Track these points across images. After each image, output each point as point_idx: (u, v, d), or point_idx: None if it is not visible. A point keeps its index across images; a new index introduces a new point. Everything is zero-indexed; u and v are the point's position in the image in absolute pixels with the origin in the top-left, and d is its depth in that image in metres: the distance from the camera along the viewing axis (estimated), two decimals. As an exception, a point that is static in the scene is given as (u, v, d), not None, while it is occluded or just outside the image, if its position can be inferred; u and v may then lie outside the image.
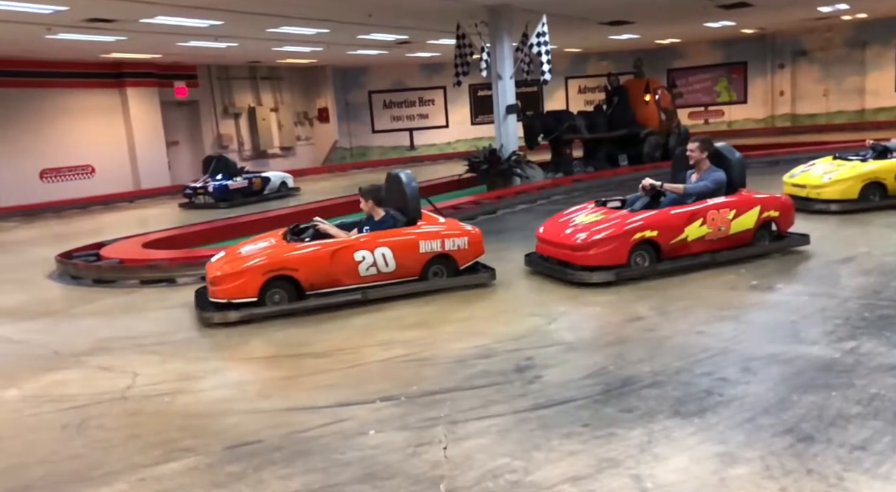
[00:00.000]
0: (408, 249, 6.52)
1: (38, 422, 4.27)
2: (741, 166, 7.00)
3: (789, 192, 9.34)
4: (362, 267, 6.39)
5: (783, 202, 7.13)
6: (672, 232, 6.56)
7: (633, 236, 6.45)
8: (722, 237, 6.75)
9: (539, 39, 12.28)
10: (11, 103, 16.35)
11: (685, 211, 6.62)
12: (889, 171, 8.83)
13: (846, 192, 8.77)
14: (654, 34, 21.00)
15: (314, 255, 6.30)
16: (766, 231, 7.01)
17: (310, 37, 15.62)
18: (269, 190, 16.22)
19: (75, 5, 10.14)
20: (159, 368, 5.16)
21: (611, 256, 6.43)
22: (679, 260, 6.65)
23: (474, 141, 23.95)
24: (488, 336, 5.24)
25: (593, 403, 3.90)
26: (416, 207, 6.78)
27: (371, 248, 6.41)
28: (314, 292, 6.31)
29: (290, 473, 3.37)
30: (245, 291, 6.12)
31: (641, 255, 6.52)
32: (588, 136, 15.69)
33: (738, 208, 6.80)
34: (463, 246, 6.70)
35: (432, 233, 6.67)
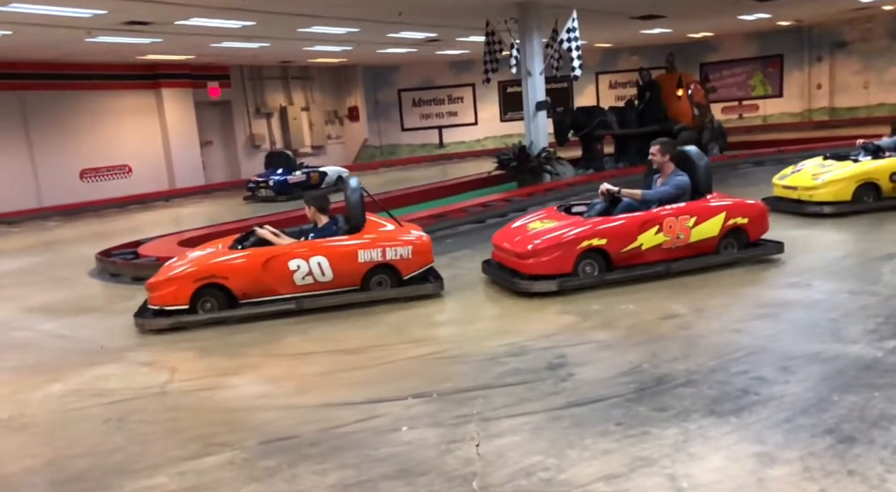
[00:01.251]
0: (345, 258, 6.31)
1: (81, 415, 4.40)
2: (707, 171, 6.61)
3: (779, 194, 9.04)
4: (297, 276, 6.24)
5: (753, 208, 6.71)
6: (623, 240, 6.26)
7: (580, 245, 6.19)
8: (681, 246, 6.40)
9: (569, 35, 12.19)
10: (53, 105, 16.81)
11: (637, 218, 6.30)
12: (883, 171, 8.45)
13: (839, 193, 8.41)
14: (687, 28, 20.67)
15: (245, 263, 6.20)
16: (734, 239, 6.61)
17: (340, 36, 15.73)
18: (326, 184, 16.83)
19: (114, 8, 10.37)
20: (197, 363, 5.27)
21: (555, 264, 6.17)
22: (632, 269, 6.33)
23: (503, 138, 23.87)
24: (520, 334, 5.24)
25: (627, 401, 3.87)
26: (357, 215, 6.52)
27: (306, 256, 6.24)
28: (248, 301, 6.25)
29: (324, 468, 3.42)
30: (177, 299, 6.13)
31: (590, 263, 6.25)
32: (619, 131, 15.52)
33: (700, 215, 6.41)
34: (406, 255, 6.41)
35: (372, 242, 6.39)
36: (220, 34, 13.90)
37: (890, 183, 8.42)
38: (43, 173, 16.67)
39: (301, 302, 6.29)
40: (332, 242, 6.38)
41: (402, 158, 24.45)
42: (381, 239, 6.45)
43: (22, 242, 12.66)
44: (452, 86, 25.23)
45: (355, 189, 6.60)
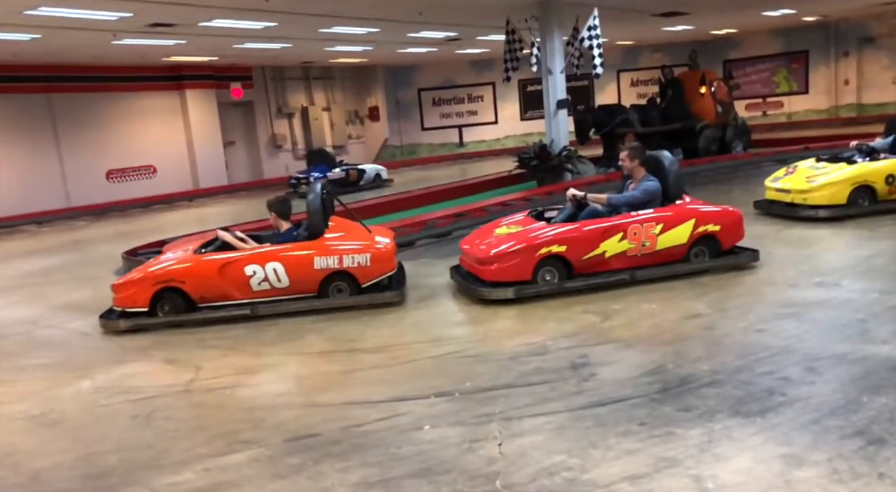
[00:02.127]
0: (301, 264, 6.28)
1: (110, 412, 4.48)
2: (677, 175, 6.40)
3: (772, 197, 8.74)
4: (254, 281, 6.27)
5: (726, 216, 6.49)
6: (584, 247, 6.13)
7: (539, 251, 6.07)
8: (647, 253, 6.25)
9: (590, 33, 12.12)
10: (80, 107, 17.12)
11: (600, 225, 6.18)
12: (879, 173, 8.09)
13: (834, 196, 8.06)
14: (710, 25, 20.43)
15: (201, 268, 6.28)
16: (705, 247, 6.42)
17: (361, 36, 15.80)
18: (364, 181, 17.36)
19: (139, 11, 10.53)
20: (220, 361, 5.33)
21: (514, 271, 6.07)
22: (593, 277, 6.20)
23: (524, 137, 23.80)
24: (541, 333, 5.22)
25: (650, 401, 3.85)
26: (316, 221, 6.43)
27: (262, 262, 6.25)
28: (206, 305, 6.32)
29: (348, 466, 3.44)
30: (136, 302, 6.27)
31: (550, 271, 6.14)
32: (641, 130, 15.39)
33: (666, 222, 6.23)
34: (364, 263, 6.30)
35: (329, 249, 6.31)
36: (242, 35, 14.04)
37: (886, 185, 8.08)
38: (71, 174, 16.98)
39: (256, 308, 6.32)
40: (287, 249, 6.35)
41: (422, 157, 24.50)
42: (339, 246, 6.37)
43: (51, 242, 12.91)
44: (472, 85, 25.21)
45: (316, 194, 6.50)
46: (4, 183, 15.64)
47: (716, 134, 15.75)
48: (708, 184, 12.27)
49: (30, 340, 6.37)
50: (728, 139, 15.80)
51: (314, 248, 6.35)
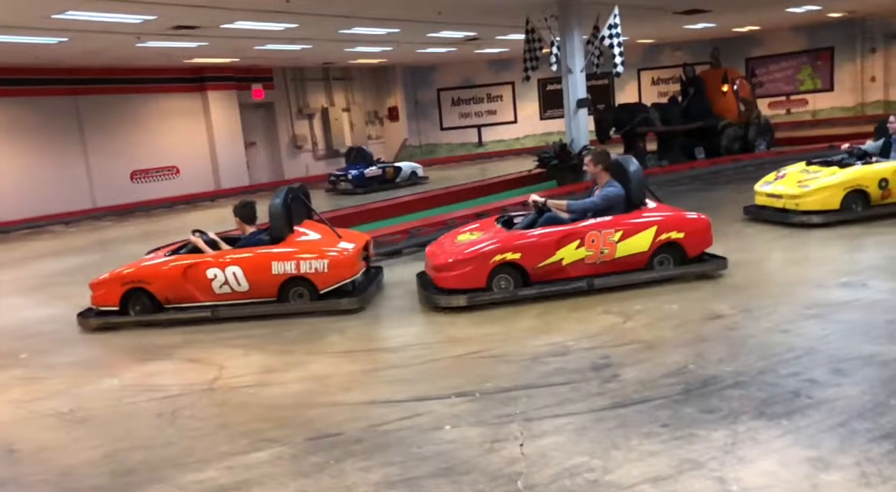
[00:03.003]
0: (259, 269, 6.34)
1: (135, 410, 4.55)
2: (640, 181, 6.26)
3: (762, 202, 8.47)
4: (215, 285, 6.39)
5: (691, 223, 6.28)
6: (539, 255, 6.04)
7: (493, 259, 6.02)
8: (607, 261, 6.13)
9: (611, 31, 12.04)
10: (105, 109, 17.39)
11: (556, 232, 6.08)
12: (872, 177, 7.85)
13: (827, 201, 7.82)
14: (732, 22, 20.17)
15: (165, 270, 6.48)
16: (670, 255, 6.24)
17: (380, 37, 15.86)
18: (400, 178, 17.73)
19: (162, 14, 10.67)
20: (243, 360, 5.39)
21: (468, 278, 6.03)
22: (549, 285, 6.11)
23: (543, 136, 23.71)
24: (563, 334, 5.21)
25: (673, 403, 3.82)
26: (277, 225, 6.50)
27: (222, 266, 6.37)
28: (172, 306, 6.50)
29: (369, 465, 3.46)
30: (107, 301, 6.57)
31: (505, 278, 6.07)
32: (662, 128, 15.27)
33: (626, 229, 6.09)
34: (322, 269, 6.28)
35: (286, 254, 6.34)
36: (263, 37, 14.17)
37: (879, 190, 7.84)
38: (96, 175, 17.26)
39: (217, 310, 6.45)
40: (245, 253, 6.44)
41: (441, 157, 24.51)
42: (297, 252, 6.37)
43: (78, 242, 13.13)
44: (491, 84, 25.17)
45: (279, 199, 6.53)
46: (33, 184, 15.93)
47: (738, 132, 15.57)
48: (728, 183, 12.15)
49: (58, 338, 6.49)
50: (751, 138, 15.60)
51: (272, 252, 6.40)
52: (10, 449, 4.09)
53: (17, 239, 14.18)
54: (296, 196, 6.85)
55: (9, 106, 15.72)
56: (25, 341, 6.44)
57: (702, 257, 6.38)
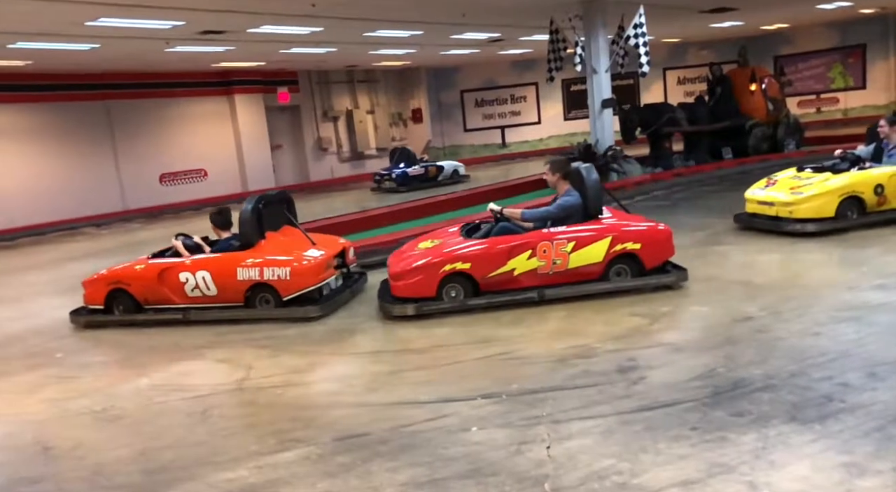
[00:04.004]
0: (225, 274, 6.50)
1: (166, 409, 4.63)
2: (596, 190, 6.13)
3: (753, 210, 8.13)
4: (187, 288, 6.61)
5: (647, 234, 6.12)
6: (489, 265, 6.00)
7: (443, 268, 6.00)
8: (560, 271, 6.03)
9: (636, 31, 11.95)
10: (135, 113, 17.73)
11: (506, 242, 6.03)
12: (868, 183, 7.51)
13: (822, 209, 7.47)
14: (760, 20, 19.87)
15: (142, 272, 6.75)
16: (627, 266, 6.11)
17: (404, 39, 15.93)
18: (442, 177, 18.13)
19: (190, 19, 10.85)
20: (270, 361, 5.45)
21: (418, 287, 6.04)
22: (499, 295, 6.07)
23: (567, 137, 23.60)
24: (588, 336, 5.18)
25: (702, 405, 3.78)
26: (246, 231, 6.62)
27: (193, 270, 6.57)
28: (150, 307, 6.77)
29: (396, 466, 3.48)
30: (94, 300, 6.90)
31: (455, 287, 6.05)
32: (689, 128, 15.10)
33: (579, 240, 5.99)
34: (284, 276, 6.38)
35: (252, 261, 6.49)
36: (289, 40, 14.32)
37: (875, 196, 7.50)
38: (126, 178, 17.60)
39: (188, 313, 6.65)
40: (212, 258, 6.64)
41: (464, 158, 24.50)
42: (262, 259, 6.48)
43: (108, 243, 13.39)
44: (515, 85, 25.13)
45: (250, 205, 6.66)
46: (66, 187, 16.30)
47: (767, 132, 15.34)
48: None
49: (91, 338, 6.63)
50: (780, 137, 15.36)
51: (237, 259, 6.54)
52: (46, 446, 4.19)
53: (51, 241, 14.52)
54: (270, 203, 6.97)
55: (44, 111, 16.12)
56: (61, 341, 6.59)
57: (665, 268, 6.23)
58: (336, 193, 19.28)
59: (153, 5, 9.52)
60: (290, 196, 7.49)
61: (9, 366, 5.94)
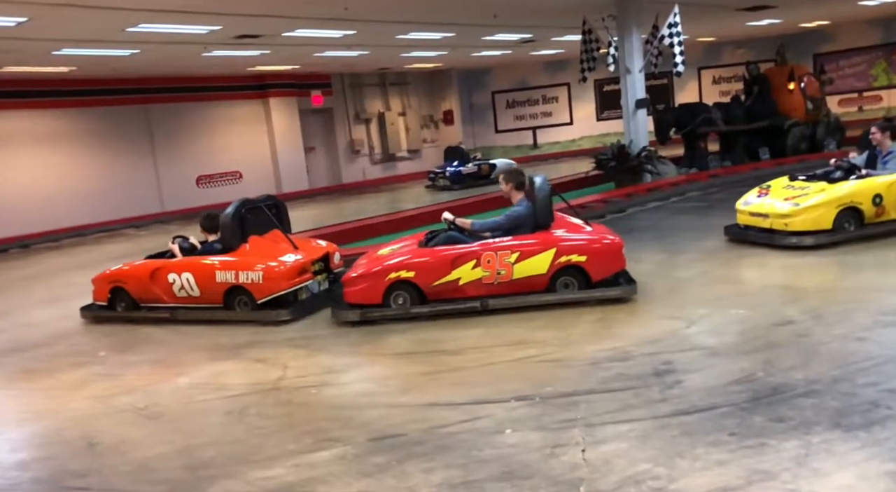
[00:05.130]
0: (206, 276, 6.78)
1: (205, 407, 4.73)
2: (545, 201, 6.08)
3: (746, 222, 7.70)
4: (175, 288, 6.93)
5: (595, 246, 6.04)
6: (434, 273, 6.03)
7: (388, 276, 6.08)
8: (504, 282, 6.02)
9: (671, 30, 11.82)
10: (173, 117, 18.13)
11: (450, 252, 6.06)
12: (866, 193, 7.10)
13: (819, 221, 7.05)
14: (799, 17, 19.44)
15: (137, 272, 7.17)
16: (573, 278, 6.04)
17: (436, 41, 15.99)
18: (494, 175, 18.05)
19: (227, 24, 11.06)
20: (307, 361, 5.52)
21: (365, 294, 6.15)
22: (443, 303, 6.10)
23: (600, 137, 23.40)
24: (623, 339, 5.13)
25: (740, 411, 3.72)
26: (227, 236, 6.90)
27: (179, 272, 6.89)
28: (145, 305, 7.17)
29: (431, 467, 3.50)
30: (100, 297, 7.43)
31: (402, 295, 6.12)
32: (725, 128, 14.86)
33: (523, 251, 5.96)
34: (257, 280, 6.56)
35: (229, 264, 6.72)
36: (322, 44, 14.49)
37: (873, 207, 7.10)
38: (164, 180, 18.01)
39: (176, 312, 6.99)
40: (195, 261, 6.96)
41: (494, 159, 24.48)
42: (238, 262, 6.71)
43: (147, 244, 13.63)
44: (547, 86, 25.01)
45: (233, 209, 6.95)
46: (107, 189, 16.75)
47: (805, 131, 15.02)
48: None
49: (133, 337, 6.79)
50: (819, 137, 15.03)
51: (216, 263, 6.82)
52: (92, 442, 4.31)
53: (92, 242, 14.92)
54: (256, 208, 7.19)
55: (86, 116, 16.59)
56: (103, 340, 6.78)
57: (618, 280, 6.13)
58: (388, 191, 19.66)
59: (191, 10, 9.73)
60: (280, 201, 7.72)
61: (56, 363, 6.13)
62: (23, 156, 15.63)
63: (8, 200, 15.17)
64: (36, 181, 15.74)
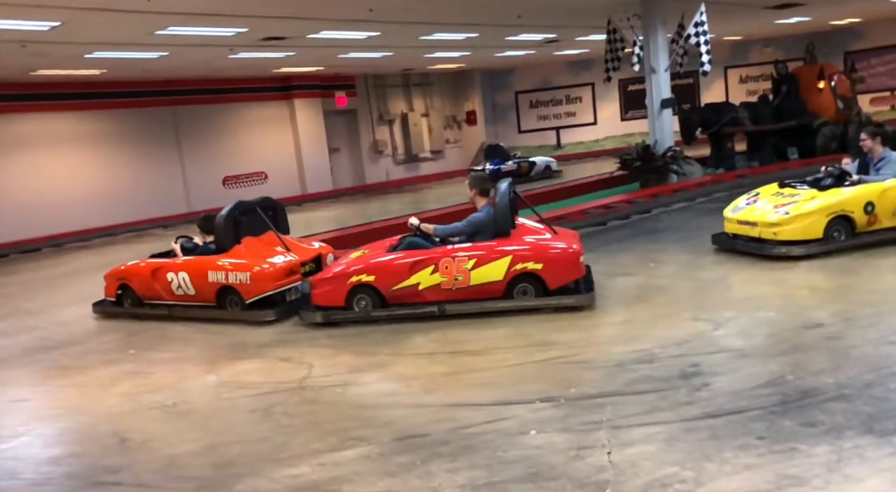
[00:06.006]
0: (199, 276, 7.07)
1: (231, 405, 4.79)
2: (504, 208, 6.08)
3: (734, 230, 7.42)
4: (173, 287, 7.24)
5: (551, 254, 6.04)
6: (393, 278, 6.16)
7: (350, 279, 6.25)
8: (462, 288, 6.08)
9: (697, 29, 11.68)
10: (200, 118, 18.39)
11: (410, 257, 6.17)
12: (857, 201, 6.84)
13: (809, 230, 6.78)
14: (829, 15, 19.09)
15: (140, 271, 7.53)
16: (531, 285, 6.06)
17: (460, 42, 16.00)
18: (534, 172, 19.06)
19: (253, 26, 11.18)
20: (331, 360, 5.56)
21: (329, 296, 6.35)
22: (401, 307, 6.23)
23: (624, 137, 23.23)
24: (649, 340, 5.08)
25: (769, 414, 3.66)
26: (220, 237, 7.13)
27: (176, 271, 7.19)
28: (148, 302, 7.50)
29: (455, 467, 3.50)
30: (109, 293, 7.80)
31: (364, 298, 6.28)
32: (752, 128, 14.66)
33: (479, 258, 6.03)
34: (245, 281, 6.78)
35: (220, 265, 6.96)
36: (347, 45, 14.58)
37: (865, 215, 6.84)
38: (191, 181, 18.27)
39: (173, 310, 7.32)
40: (190, 261, 7.23)
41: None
42: (228, 263, 6.95)
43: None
44: (570, 86, 24.88)
45: (225, 213, 7.17)
46: (136, 190, 17.03)
47: (836, 131, 14.74)
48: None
49: (160, 336, 6.91)
50: (850, 136, 14.70)
51: (207, 262, 7.09)
52: (123, 438, 4.39)
53: (122, 242, 15.18)
54: (250, 210, 7.34)
55: (116, 117, 16.89)
56: (132, 338, 6.89)
57: (578, 287, 6.15)
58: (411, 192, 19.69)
59: (219, 13, 9.86)
60: (277, 203, 7.85)
61: (87, 361, 6.25)
62: (55, 157, 15.96)
63: (41, 200, 15.49)
64: (67, 182, 16.07)
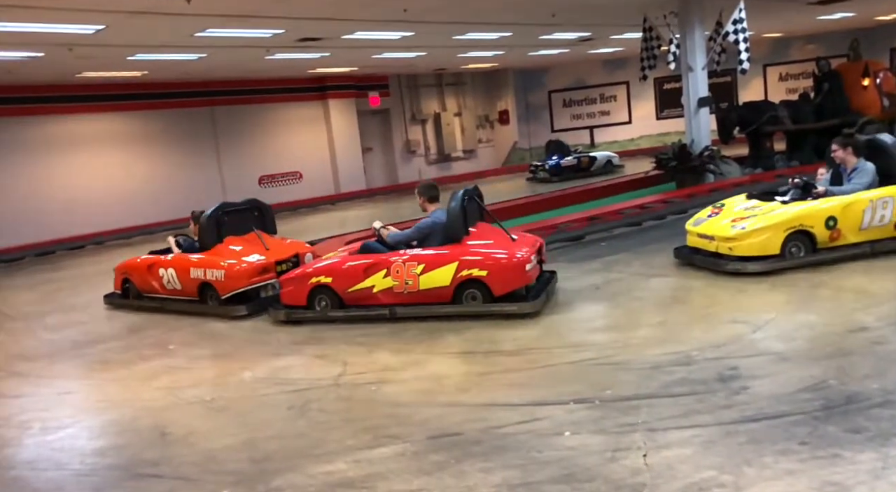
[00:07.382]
0: (183, 272, 7.55)
1: (268, 401, 4.87)
2: (454, 214, 6.20)
3: (694, 243, 7.11)
4: (164, 282, 7.73)
5: (496, 262, 6.08)
6: (349, 280, 6.44)
7: (311, 280, 6.56)
8: (412, 292, 6.28)
9: (735, 27, 11.46)
10: (237, 118, 18.69)
11: (363, 261, 6.44)
12: (818, 216, 6.51)
13: (766, 245, 6.49)
14: (875, 10, 18.53)
15: (138, 266, 8.05)
16: (478, 292, 6.14)
17: (493, 41, 15.96)
18: (595, 167, 19.13)
19: (290, 28, 11.32)
20: (366, 358, 5.61)
21: (293, 296, 6.70)
22: (356, 309, 6.49)
23: (659, 137, 22.91)
24: (685, 343, 5.02)
25: (811, 419, 3.58)
26: (204, 236, 7.56)
27: (166, 267, 7.68)
28: (147, 296, 7.99)
29: (489, 467, 3.50)
30: (116, 286, 8.47)
31: (324, 299, 6.57)
32: (792, 127, 14.32)
33: (427, 263, 6.19)
34: (220, 278, 7.21)
35: (199, 262, 7.43)
36: (381, 46, 14.67)
37: (826, 230, 6.52)
38: (228, 180, 18.57)
39: (165, 303, 7.81)
40: (177, 258, 7.69)
41: (552, 159, 24.28)
42: (206, 260, 7.42)
43: (211, 243, 14.15)
44: (605, 85, 24.62)
45: (209, 212, 7.59)
46: (174, 189, 17.38)
47: (881, 129, 14.29)
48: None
49: (199, 332, 7.05)
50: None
51: (190, 260, 7.55)
52: (163, 432, 4.50)
53: (160, 239, 15.41)
54: (236, 211, 7.80)
55: (156, 118, 17.28)
56: (172, 334, 7.05)
57: (527, 294, 6.24)
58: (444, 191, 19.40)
59: (256, 15, 10.01)
60: (264, 204, 8.23)
61: (129, 355, 6.42)
62: (98, 157, 16.40)
63: (85, 199, 15.96)
64: (110, 181, 16.50)
